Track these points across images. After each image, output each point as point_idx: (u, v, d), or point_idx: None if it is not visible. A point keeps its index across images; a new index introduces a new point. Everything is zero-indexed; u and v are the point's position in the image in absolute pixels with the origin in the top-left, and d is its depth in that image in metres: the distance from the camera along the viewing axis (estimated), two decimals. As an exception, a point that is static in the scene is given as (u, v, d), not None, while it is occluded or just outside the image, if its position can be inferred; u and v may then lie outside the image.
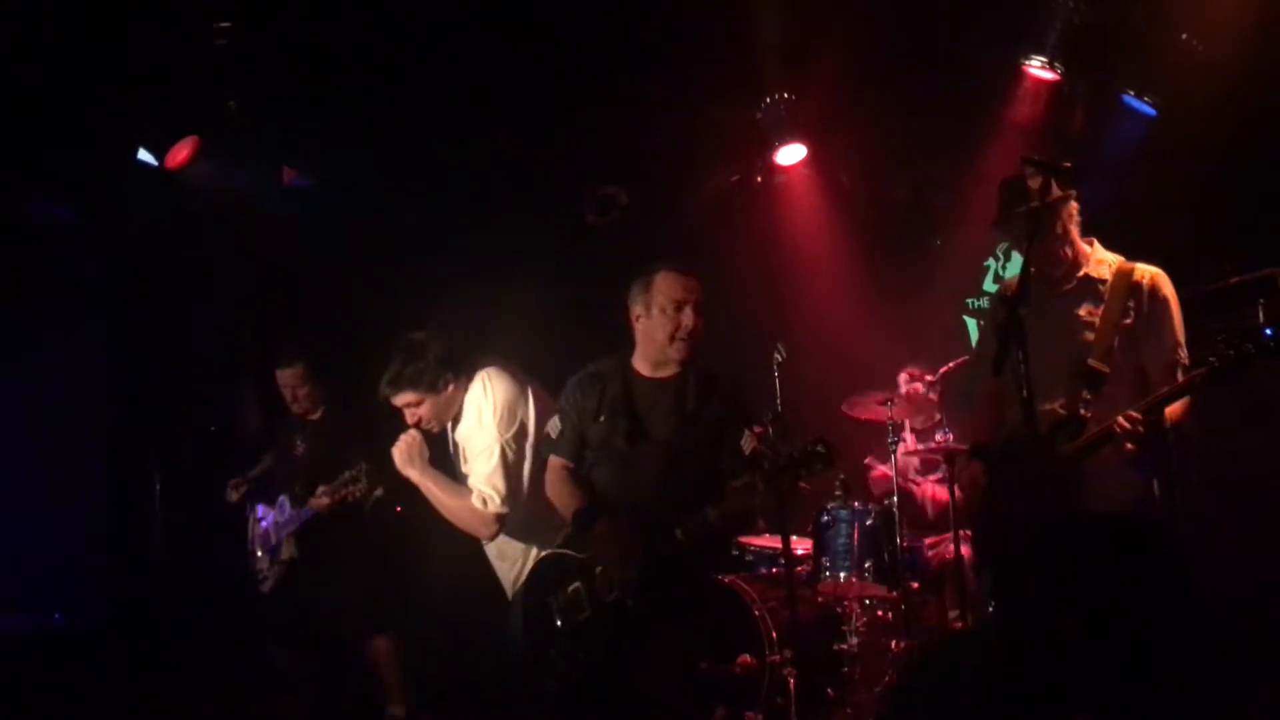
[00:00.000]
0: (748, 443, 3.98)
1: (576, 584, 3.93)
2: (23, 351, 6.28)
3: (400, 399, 4.51)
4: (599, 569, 3.86)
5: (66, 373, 6.34)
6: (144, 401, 6.40)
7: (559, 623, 3.94)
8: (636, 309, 4.07)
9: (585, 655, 3.88)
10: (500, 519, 4.34)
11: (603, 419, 4.05)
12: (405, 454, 4.46)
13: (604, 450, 4.06)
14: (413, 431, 4.50)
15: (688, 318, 3.96)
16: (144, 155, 5.70)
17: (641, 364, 4.10)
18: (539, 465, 4.32)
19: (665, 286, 3.99)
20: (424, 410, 4.48)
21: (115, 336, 6.53)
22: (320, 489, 5.42)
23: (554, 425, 4.21)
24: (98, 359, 6.45)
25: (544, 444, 4.24)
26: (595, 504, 4.01)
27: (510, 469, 4.33)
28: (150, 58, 5.34)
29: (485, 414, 4.39)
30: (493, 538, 4.42)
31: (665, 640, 3.83)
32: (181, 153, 5.76)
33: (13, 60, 5.13)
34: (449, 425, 4.57)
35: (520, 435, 4.38)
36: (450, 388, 4.46)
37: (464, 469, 4.52)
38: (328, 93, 5.90)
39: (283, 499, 5.77)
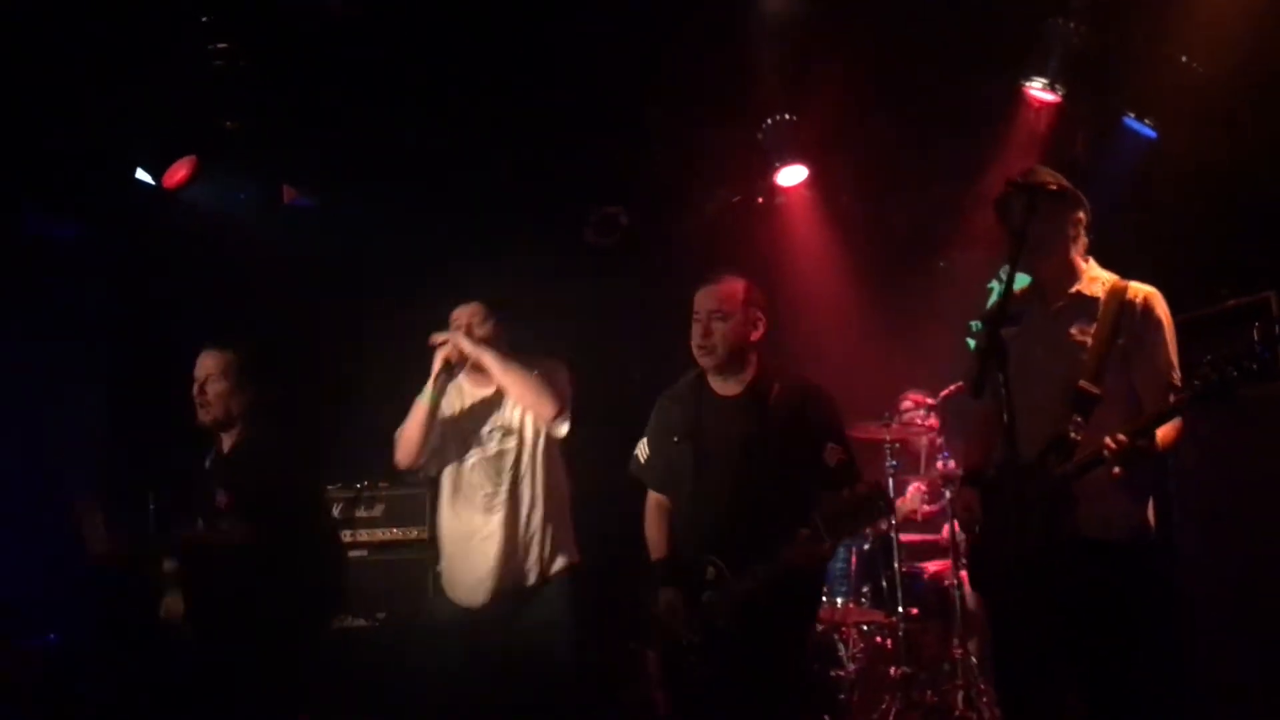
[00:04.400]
0: (831, 455, 3.78)
1: (708, 594, 3.76)
2: (23, 366, 6.25)
3: (468, 308, 4.36)
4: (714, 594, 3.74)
5: (65, 385, 6.30)
6: (142, 419, 6.36)
7: (692, 625, 3.78)
8: None
9: (708, 664, 3.75)
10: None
11: (676, 440, 3.90)
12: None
13: (678, 476, 3.91)
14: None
15: (698, 328, 3.83)
16: (141, 174, 5.72)
17: (714, 380, 3.93)
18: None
19: (695, 300, 3.90)
20: (485, 328, 4.32)
21: (116, 355, 6.50)
22: None
23: (642, 448, 4.06)
24: (97, 378, 6.42)
25: (633, 465, 4.09)
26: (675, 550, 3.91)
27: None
28: (148, 77, 5.37)
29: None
30: (561, 416, 4.22)
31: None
32: (179, 172, 5.78)
33: (12, 76, 5.15)
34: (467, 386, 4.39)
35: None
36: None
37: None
38: (326, 113, 5.91)
39: None
